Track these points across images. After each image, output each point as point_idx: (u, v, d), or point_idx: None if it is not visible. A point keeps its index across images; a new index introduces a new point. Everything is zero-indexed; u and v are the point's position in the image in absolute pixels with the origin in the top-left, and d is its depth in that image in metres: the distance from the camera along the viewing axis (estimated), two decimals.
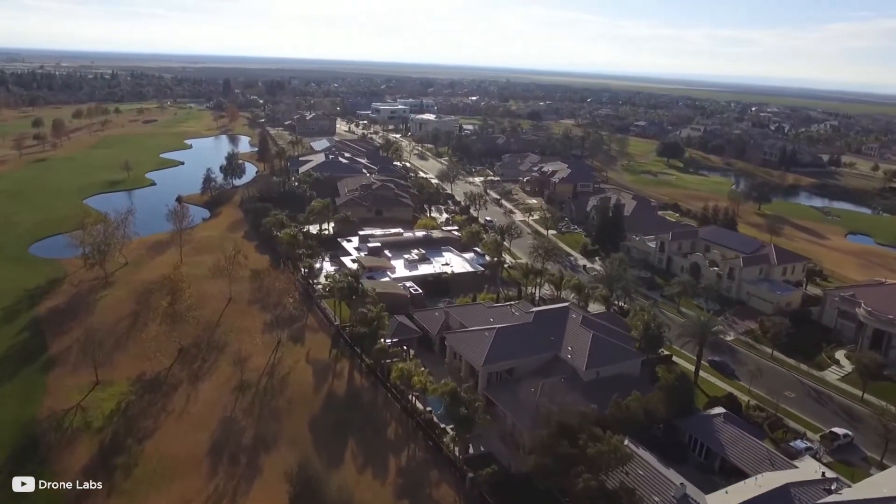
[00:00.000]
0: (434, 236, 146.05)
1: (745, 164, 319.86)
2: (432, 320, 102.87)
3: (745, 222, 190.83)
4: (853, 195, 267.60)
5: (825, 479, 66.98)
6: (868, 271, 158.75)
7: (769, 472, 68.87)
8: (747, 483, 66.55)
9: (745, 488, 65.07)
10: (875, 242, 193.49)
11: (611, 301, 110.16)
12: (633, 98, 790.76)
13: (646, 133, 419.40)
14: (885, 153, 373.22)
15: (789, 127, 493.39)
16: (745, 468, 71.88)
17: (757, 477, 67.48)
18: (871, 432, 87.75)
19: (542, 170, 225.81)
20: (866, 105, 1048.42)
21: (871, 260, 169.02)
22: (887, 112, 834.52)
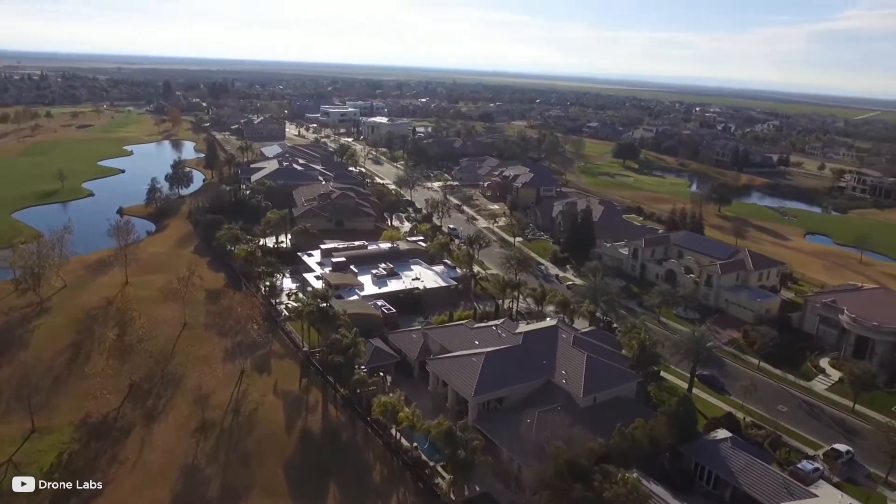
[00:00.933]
0: (401, 248, 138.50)
1: (698, 164, 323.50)
2: (410, 343, 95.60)
3: (709, 225, 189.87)
4: (804, 195, 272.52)
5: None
6: (833, 273, 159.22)
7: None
8: None
9: None
10: (833, 242, 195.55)
11: (597, 316, 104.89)
12: (581, 99, 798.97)
13: (598, 134, 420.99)
14: (828, 152, 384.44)
15: (735, 127, 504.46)
16: (760, 498, 67.37)
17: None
18: (869, 446, 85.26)
19: (504, 174, 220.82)
20: (798, 105, 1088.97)
21: (833, 261, 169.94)
22: (819, 112, 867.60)
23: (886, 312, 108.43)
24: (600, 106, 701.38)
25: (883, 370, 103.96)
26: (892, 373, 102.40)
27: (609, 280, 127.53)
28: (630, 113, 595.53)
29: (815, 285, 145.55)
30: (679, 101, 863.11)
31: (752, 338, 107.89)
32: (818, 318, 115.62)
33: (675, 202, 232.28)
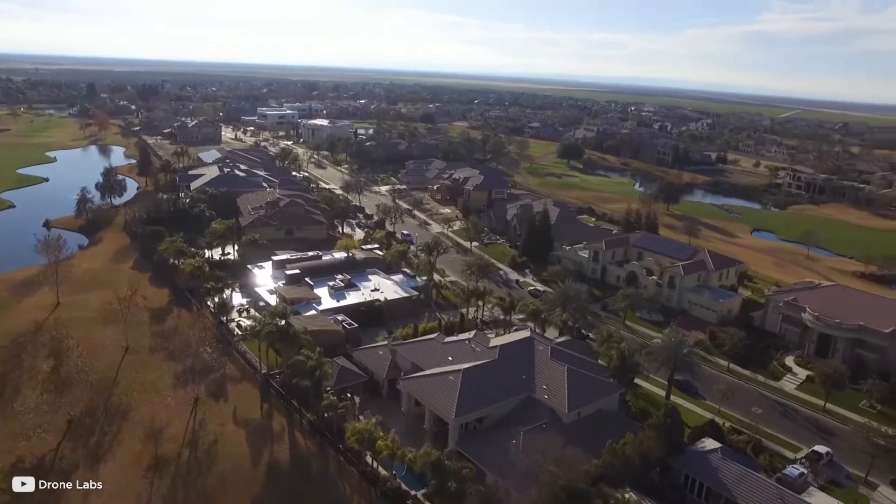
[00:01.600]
0: (357, 258, 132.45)
1: (641, 163, 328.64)
2: (377, 361, 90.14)
3: (661, 224, 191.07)
4: (744, 192, 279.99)
5: None
6: (783, 269, 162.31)
7: None
8: None
9: None
10: (778, 238, 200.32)
11: (570, 325, 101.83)
12: (519, 99, 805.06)
13: (540, 134, 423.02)
14: (760, 150, 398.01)
15: (671, 126, 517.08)
16: None
17: None
18: (845, 445, 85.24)
19: (454, 177, 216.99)
20: (725, 104, 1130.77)
21: (782, 258, 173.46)
22: (746, 110, 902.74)
23: (845, 309, 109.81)
24: (538, 106, 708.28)
25: (845, 367, 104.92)
26: (855, 369, 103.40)
27: (573, 285, 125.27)
28: (568, 113, 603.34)
29: (770, 283, 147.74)
30: (614, 101, 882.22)
31: (721, 339, 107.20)
32: (781, 317, 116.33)
33: (623, 202, 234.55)
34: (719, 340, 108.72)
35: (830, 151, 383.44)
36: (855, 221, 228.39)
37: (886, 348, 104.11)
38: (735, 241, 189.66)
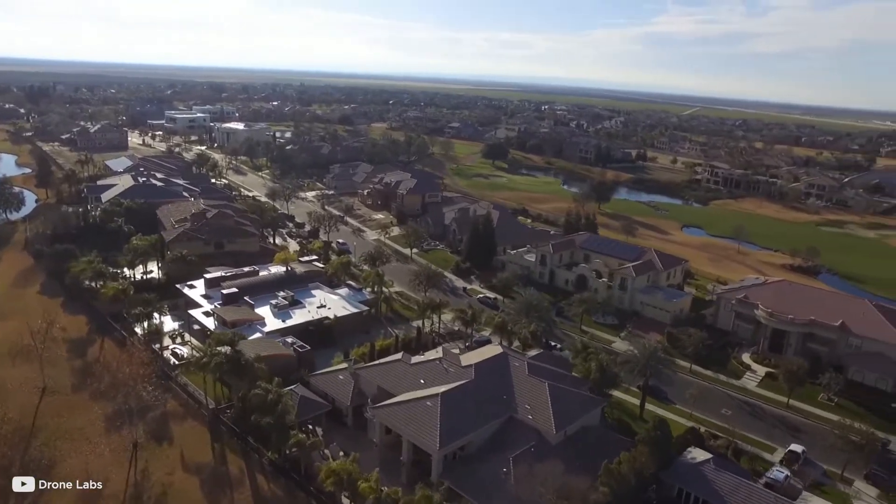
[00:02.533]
0: (298, 272, 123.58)
1: (565, 162, 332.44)
2: (338, 386, 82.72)
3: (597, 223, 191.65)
4: (666, 188, 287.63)
5: None
6: (719, 265, 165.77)
7: None
8: None
9: None
10: (707, 234, 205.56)
11: (538, 336, 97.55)
12: (433, 99, 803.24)
13: (461, 135, 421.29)
14: (674, 146, 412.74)
15: (586, 124, 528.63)
16: None
17: None
18: (814, 441, 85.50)
19: (385, 181, 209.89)
20: (632, 102, 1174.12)
21: (716, 253, 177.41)
22: (653, 108, 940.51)
23: (794, 304, 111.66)
24: (454, 106, 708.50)
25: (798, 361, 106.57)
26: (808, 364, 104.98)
27: (534, 292, 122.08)
28: (485, 112, 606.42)
29: (710, 280, 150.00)
30: (527, 100, 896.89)
31: (683, 341, 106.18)
32: (734, 315, 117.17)
33: (555, 202, 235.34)
34: (680, 342, 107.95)
35: (738, 147, 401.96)
36: (772, 215, 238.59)
37: (836, 341, 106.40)
38: (668, 238, 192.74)
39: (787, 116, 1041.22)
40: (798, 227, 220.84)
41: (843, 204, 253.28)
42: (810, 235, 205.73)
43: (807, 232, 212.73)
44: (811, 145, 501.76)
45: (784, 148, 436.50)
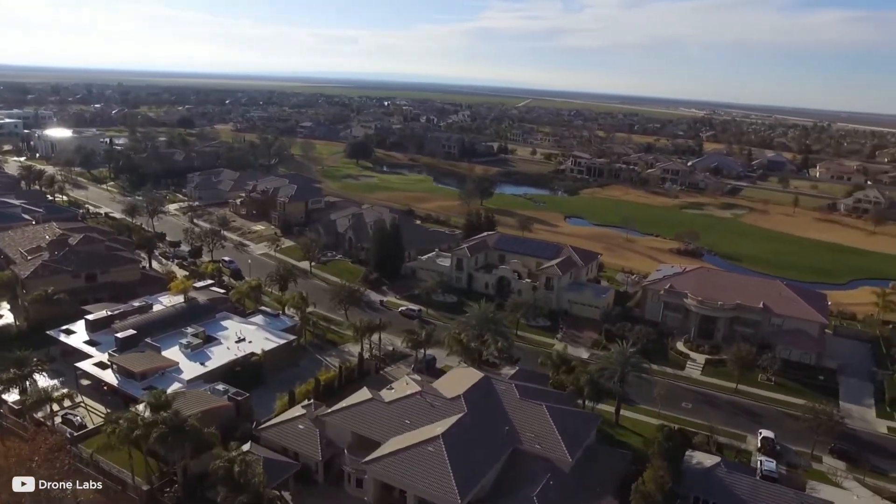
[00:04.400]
0: (200, 301, 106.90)
1: (429, 158, 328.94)
2: (301, 438, 70.65)
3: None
4: (534, 180, 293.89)
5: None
6: (616, 254, 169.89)
7: None
8: None
9: None
10: (590, 223, 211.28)
11: (503, 351, 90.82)
12: (272, 98, 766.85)
13: (314, 134, 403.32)
14: (528, 138, 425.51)
15: (436, 119, 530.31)
16: None
17: None
18: (771, 423, 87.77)
19: (261, 188, 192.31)
20: (468, 96, 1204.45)
21: (608, 242, 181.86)
22: (489, 101, 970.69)
23: (718, 290, 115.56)
24: (295, 105, 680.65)
25: (727, 345, 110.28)
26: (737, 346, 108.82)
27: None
28: (333, 110, 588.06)
29: (616, 270, 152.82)
30: (366, 96, 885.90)
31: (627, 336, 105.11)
32: (663, 305, 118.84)
33: (439, 200, 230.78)
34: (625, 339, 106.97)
35: (588, 136, 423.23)
36: (638, 200, 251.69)
37: (760, 322, 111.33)
38: (558, 230, 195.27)
39: (611, 106, 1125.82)
40: (665, 211, 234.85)
41: (695, 186, 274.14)
42: (677, 219, 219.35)
43: (673, 216, 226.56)
44: (643, 132, 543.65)
45: (624, 136, 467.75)
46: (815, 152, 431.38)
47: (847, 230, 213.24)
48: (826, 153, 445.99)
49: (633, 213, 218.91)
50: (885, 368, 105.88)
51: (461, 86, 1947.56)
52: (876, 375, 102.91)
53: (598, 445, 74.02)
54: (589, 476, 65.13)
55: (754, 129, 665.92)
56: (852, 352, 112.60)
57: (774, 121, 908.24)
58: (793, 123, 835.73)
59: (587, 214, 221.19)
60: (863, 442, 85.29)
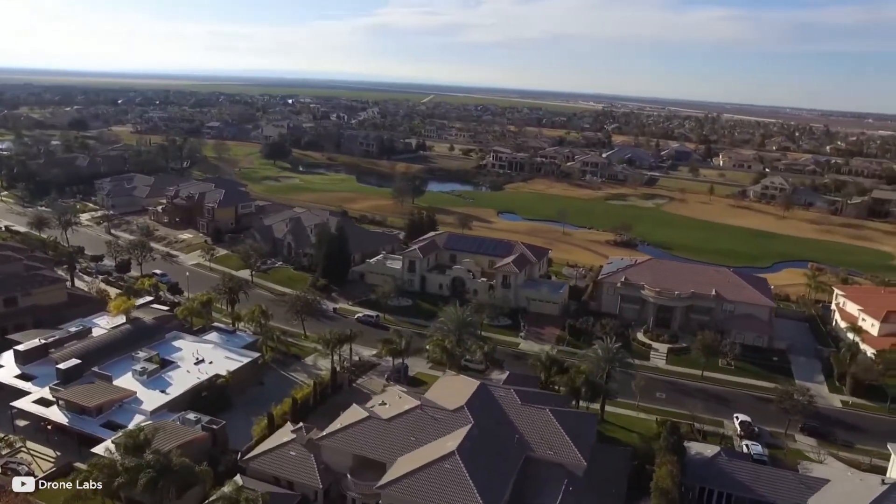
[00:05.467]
0: (147, 322, 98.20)
1: (347, 157, 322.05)
2: (294, 466, 65.72)
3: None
4: (457, 176, 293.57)
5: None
6: (558, 249, 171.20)
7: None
8: None
9: None
10: (522, 218, 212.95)
11: (488, 355, 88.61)
12: (169, 97, 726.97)
13: (223, 135, 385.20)
14: (442, 134, 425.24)
15: (347, 116, 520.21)
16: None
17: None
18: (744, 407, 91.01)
19: (184, 194, 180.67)
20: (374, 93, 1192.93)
21: (546, 237, 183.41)
22: (395, 97, 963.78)
23: (672, 280, 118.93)
24: (196, 104, 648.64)
25: (683, 333, 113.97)
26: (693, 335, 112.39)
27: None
28: (237, 109, 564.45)
29: (561, 265, 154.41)
30: (267, 94, 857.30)
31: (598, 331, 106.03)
32: (620, 297, 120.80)
33: (368, 200, 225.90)
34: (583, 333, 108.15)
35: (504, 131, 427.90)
36: (563, 193, 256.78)
37: (713, 309, 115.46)
38: (493, 226, 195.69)
39: (514, 100, 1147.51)
40: (591, 203, 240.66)
41: (614, 178, 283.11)
42: (604, 210, 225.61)
43: (600, 207, 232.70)
44: (552, 126, 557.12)
45: (535, 130, 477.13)
46: (713, 142, 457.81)
47: (760, 215, 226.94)
48: (723, 143, 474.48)
49: (562, 207, 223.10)
50: (827, 345, 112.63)
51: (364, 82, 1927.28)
52: (822, 353, 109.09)
53: (609, 447, 73.74)
54: (599, 477, 64.53)
55: (653, 120, 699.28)
56: (794, 332, 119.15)
57: (668, 112, 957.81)
58: (685, 115, 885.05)
59: (518, 209, 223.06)
60: (823, 418, 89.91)
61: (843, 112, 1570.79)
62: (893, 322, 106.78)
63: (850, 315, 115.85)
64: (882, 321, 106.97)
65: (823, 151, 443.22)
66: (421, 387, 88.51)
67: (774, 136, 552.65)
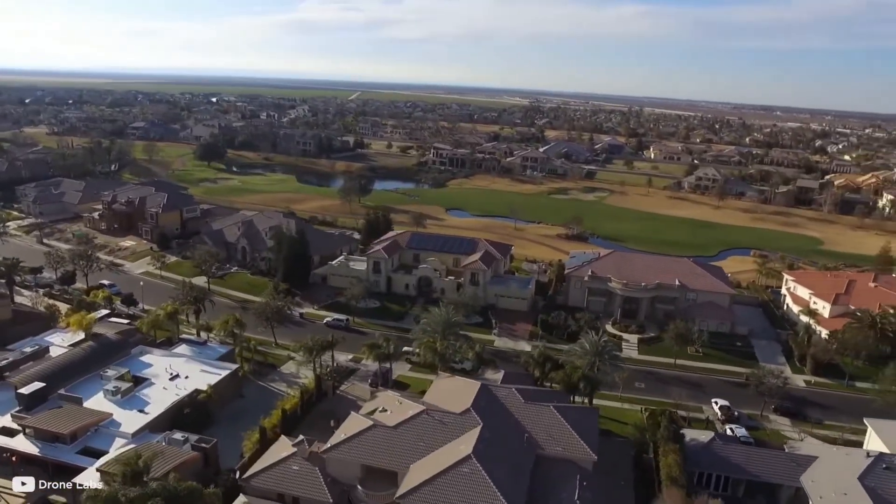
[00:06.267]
0: (112, 337, 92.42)
1: (285, 157, 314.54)
2: (299, 481, 63.19)
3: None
4: (398, 173, 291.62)
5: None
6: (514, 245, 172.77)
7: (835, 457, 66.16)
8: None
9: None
10: (471, 214, 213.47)
11: (480, 355, 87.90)
12: (82, 96, 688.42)
13: (150, 135, 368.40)
14: (378, 132, 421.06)
15: (277, 115, 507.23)
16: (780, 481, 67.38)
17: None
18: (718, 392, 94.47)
19: (126, 199, 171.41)
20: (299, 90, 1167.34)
21: (500, 232, 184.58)
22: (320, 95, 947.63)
23: (637, 272, 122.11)
24: (113, 103, 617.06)
25: (649, 323, 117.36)
26: (659, 324, 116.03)
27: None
28: (161, 108, 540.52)
29: (519, 260, 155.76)
30: (189, 93, 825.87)
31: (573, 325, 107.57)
32: (587, 291, 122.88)
33: (313, 200, 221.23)
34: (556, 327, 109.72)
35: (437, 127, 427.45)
36: (506, 189, 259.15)
37: (678, 299, 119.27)
38: (444, 223, 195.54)
39: (439, 96, 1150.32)
40: (535, 198, 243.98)
41: (554, 172, 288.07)
42: (549, 204, 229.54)
43: (544, 202, 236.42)
44: (483, 121, 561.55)
45: (469, 126, 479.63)
46: (641, 135, 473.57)
47: (697, 206, 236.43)
48: (650, 136, 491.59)
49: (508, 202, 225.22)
50: (782, 329, 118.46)
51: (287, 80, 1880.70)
52: (780, 336, 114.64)
53: (609, 439, 74.74)
54: (606, 470, 65.41)
55: (580, 115, 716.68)
56: (749, 317, 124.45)
57: (592, 107, 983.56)
58: (610, 109, 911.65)
59: (466, 206, 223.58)
60: (791, 398, 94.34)
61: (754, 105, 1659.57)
62: (843, 304, 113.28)
63: (802, 299, 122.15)
64: (833, 303, 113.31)
65: (743, 143, 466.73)
66: (406, 390, 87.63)
67: (697, 128, 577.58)
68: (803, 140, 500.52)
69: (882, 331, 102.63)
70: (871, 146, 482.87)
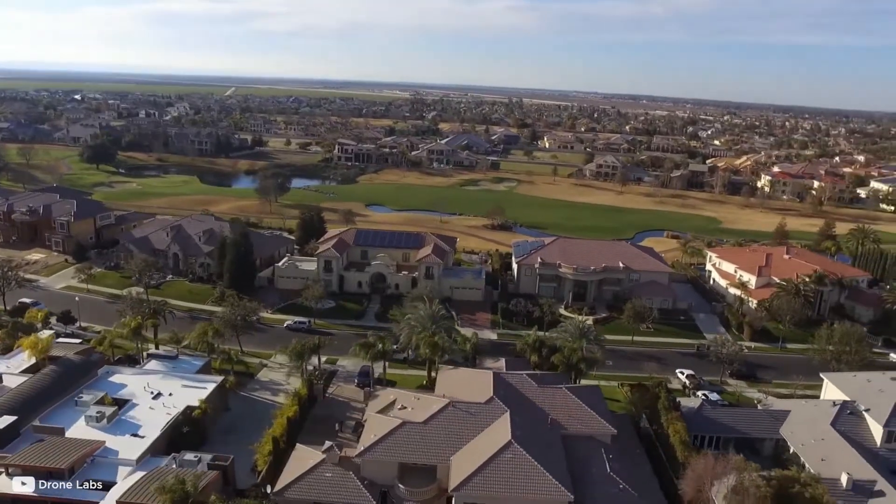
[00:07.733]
0: (72, 359, 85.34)
1: (181, 157, 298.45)
2: (335, 489, 62.51)
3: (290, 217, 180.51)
4: (304, 170, 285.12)
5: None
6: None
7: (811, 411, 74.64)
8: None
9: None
10: (392, 210, 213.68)
11: (475, 346, 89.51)
12: None
13: (19, 137, 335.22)
14: (272, 129, 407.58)
15: (157, 113, 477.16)
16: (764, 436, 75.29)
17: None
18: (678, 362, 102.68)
19: (28, 208, 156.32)
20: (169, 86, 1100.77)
21: (428, 226, 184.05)
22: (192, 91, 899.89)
23: (583, 257, 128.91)
24: None
25: (598, 304, 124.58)
26: (608, 305, 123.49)
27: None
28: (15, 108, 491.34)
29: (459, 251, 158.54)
30: (45, 90, 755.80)
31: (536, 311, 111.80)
32: (538, 277, 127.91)
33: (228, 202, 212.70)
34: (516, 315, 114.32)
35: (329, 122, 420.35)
36: (418, 182, 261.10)
37: (622, 280, 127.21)
38: (368, 219, 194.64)
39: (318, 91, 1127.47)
40: (447, 190, 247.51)
41: (460, 164, 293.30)
42: (462, 196, 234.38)
43: (457, 193, 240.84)
44: (373, 116, 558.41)
45: (362, 121, 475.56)
46: (530, 125, 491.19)
47: (602, 192, 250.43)
48: (538, 126, 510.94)
49: (424, 196, 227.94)
50: (713, 301, 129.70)
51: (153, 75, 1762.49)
52: (714, 308, 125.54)
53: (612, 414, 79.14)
54: (624, 440, 70.19)
55: (464, 107, 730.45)
56: (682, 292, 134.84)
57: (472, 98, 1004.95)
58: (491, 101, 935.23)
59: (384, 201, 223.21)
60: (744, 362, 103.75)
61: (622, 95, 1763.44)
62: (765, 276, 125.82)
63: (728, 273, 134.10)
64: (757, 275, 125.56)
65: (623, 130, 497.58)
66: (394, 386, 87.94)
67: (579, 118, 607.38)
68: (675, 127, 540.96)
69: (805, 297, 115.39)
70: (734, 132, 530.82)
